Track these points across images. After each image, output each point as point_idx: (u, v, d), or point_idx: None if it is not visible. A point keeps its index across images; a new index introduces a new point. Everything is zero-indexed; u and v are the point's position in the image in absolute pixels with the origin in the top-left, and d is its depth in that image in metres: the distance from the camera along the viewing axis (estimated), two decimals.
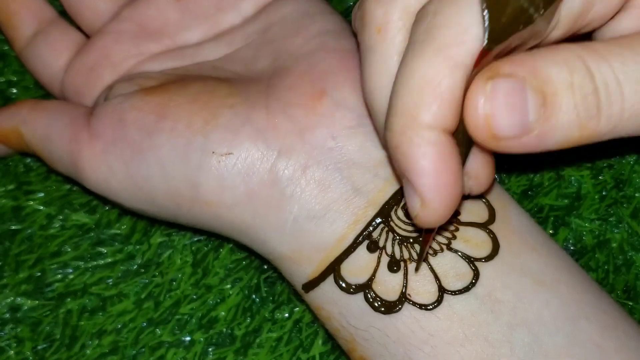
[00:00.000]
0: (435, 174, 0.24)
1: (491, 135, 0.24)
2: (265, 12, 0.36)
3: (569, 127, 0.24)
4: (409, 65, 0.24)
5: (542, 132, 0.24)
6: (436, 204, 0.25)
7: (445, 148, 0.24)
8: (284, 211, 0.31)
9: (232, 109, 0.31)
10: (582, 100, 0.24)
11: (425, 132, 0.24)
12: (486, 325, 0.29)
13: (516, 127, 0.24)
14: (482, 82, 0.24)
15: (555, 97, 0.24)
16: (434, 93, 0.24)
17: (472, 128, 0.24)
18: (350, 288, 0.30)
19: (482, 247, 0.30)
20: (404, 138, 0.24)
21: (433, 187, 0.25)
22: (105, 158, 0.32)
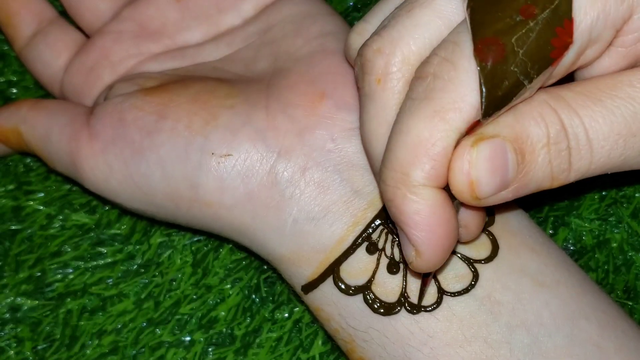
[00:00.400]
0: (428, 229, 0.25)
1: (473, 197, 0.25)
2: (266, 13, 0.36)
3: (542, 179, 0.25)
4: (406, 123, 0.25)
5: (518, 186, 0.25)
6: (430, 254, 0.26)
7: (437, 203, 0.25)
8: (283, 212, 0.31)
9: (232, 109, 0.31)
10: (557, 156, 0.25)
11: (419, 190, 0.25)
12: (485, 326, 0.29)
13: (496, 186, 0.25)
14: (468, 148, 0.24)
15: (532, 155, 0.25)
16: (428, 153, 0.24)
17: (456, 191, 0.25)
18: (349, 289, 0.30)
19: (481, 249, 0.30)
20: (397, 192, 0.25)
21: (426, 240, 0.25)
22: (105, 157, 0.32)
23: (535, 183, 0.25)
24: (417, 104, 0.25)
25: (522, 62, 0.24)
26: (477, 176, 0.24)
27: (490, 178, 0.25)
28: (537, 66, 0.24)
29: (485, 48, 0.24)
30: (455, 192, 0.25)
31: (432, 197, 0.25)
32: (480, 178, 0.24)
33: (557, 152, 0.25)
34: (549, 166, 0.25)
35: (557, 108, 0.25)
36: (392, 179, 0.25)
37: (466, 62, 0.24)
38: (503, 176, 0.25)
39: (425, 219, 0.25)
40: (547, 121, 0.25)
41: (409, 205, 0.25)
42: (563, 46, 0.24)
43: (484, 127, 0.25)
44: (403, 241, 0.26)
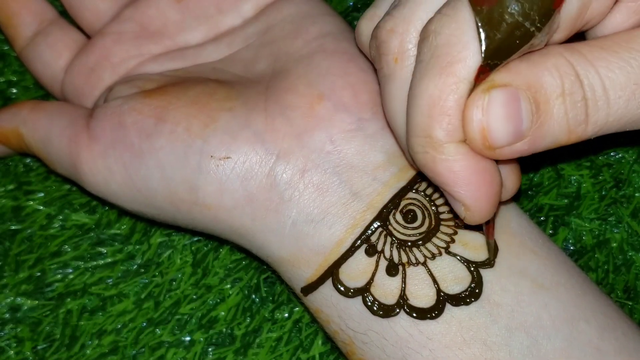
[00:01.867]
0: (467, 182, 0.26)
1: (487, 146, 0.25)
2: (265, 13, 0.36)
3: (559, 132, 0.25)
4: (418, 87, 0.25)
5: (533, 139, 0.25)
6: (477, 206, 0.26)
7: (468, 156, 0.25)
8: (282, 215, 0.31)
9: (231, 112, 0.31)
10: (572, 107, 0.25)
11: (444, 148, 0.25)
12: (484, 328, 0.29)
13: (510, 136, 0.25)
14: (479, 95, 0.24)
15: (547, 105, 0.25)
16: (442, 110, 0.25)
17: (469, 140, 0.25)
18: (348, 292, 0.30)
19: (480, 251, 0.30)
20: (427, 156, 0.25)
21: (469, 193, 0.26)
22: (105, 160, 0.32)
23: (552, 136, 0.25)
24: (425, 65, 0.25)
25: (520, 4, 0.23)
26: (489, 123, 0.24)
27: (503, 125, 0.24)
28: (536, 7, 0.24)
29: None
30: (468, 140, 0.25)
31: (459, 152, 0.25)
32: (492, 125, 0.24)
33: (572, 103, 0.25)
34: (565, 117, 0.25)
35: (572, 60, 0.25)
36: (418, 145, 0.25)
37: (464, 12, 0.24)
38: (517, 125, 0.25)
39: (461, 174, 0.25)
40: (561, 72, 0.25)
41: (441, 165, 0.25)
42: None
43: (495, 75, 0.25)
44: (451, 201, 0.27)
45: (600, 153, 0.37)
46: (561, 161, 0.37)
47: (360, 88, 0.31)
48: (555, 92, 0.25)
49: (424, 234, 0.30)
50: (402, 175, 0.30)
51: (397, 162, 0.31)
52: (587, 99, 0.25)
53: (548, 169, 0.37)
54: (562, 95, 0.25)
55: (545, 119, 0.25)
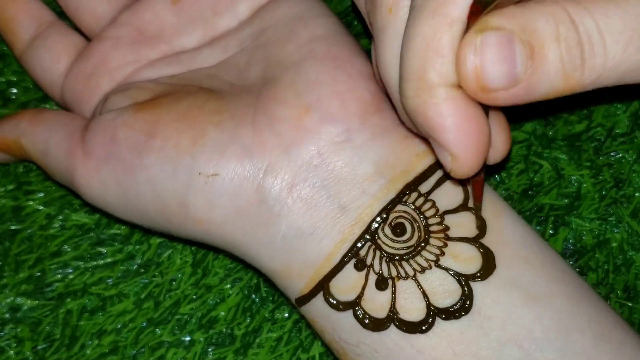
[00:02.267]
0: (456, 128, 0.25)
1: (480, 87, 0.24)
2: (260, 15, 0.35)
3: (554, 78, 0.25)
4: (411, 30, 0.25)
5: (529, 84, 0.25)
6: (465, 155, 0.26)
7: (459, 101, 0.25)
8: (272, 229, 0.31)
9: (219, 126, 0.31)
10: (567, 51, 0.24)
11: (436, 91, 0.25)
12: (475, 341, 0.28)
13: (504, 78, 0.24)
14: (472, 36, 0.24)
15: (542, 49, 0.24)
16: (436, 51, 0.24)
17: (463, 80, 0.25)
18: (339, 305, 0.30)
19: (471, 263, 0.29)
20: (418, 101, 0.25)
21: (457, 140, 0.25)
22: (99, 175, 0.33)
23: (548, 82, 0.25)
24: (418, 9, 0.25)
25: None
26: (483, 63, 0.24)
27: (497, 67, 0.24)
28: None
29: None
30: (461, 82, 0.25)
31: (452, 96, 0.25)
32: (486, 66, 0.24)
33: (567, 47, 0.24)
34: (561, 62, 0.24)
35: (567, 7, 0.24)
36: (410, 89, 0.25)
37: None
38: (511, 68, 0.24)
39: (451, 119, 0.25)
40: (556, 18, 0.24)
41: (431, 109, 0.25)
42: None
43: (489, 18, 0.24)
44: (437, 151, 0.26)
45: (601, 153, 0.37)
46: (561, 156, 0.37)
47: (349, 97, 0.31)
48: (550, 37, 0.24)
49: (412, 247, 0.30)
50: (391, 187, 0.30)
51: (385, 173, 0.30)
52: (583, 43, 0.24)
53: (548, 168, 0.37)
54: (556, 40, 0.24)
55: (540, 63, 0.24)
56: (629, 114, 0.37)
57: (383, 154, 0.31)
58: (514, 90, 0.25)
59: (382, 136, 0.31)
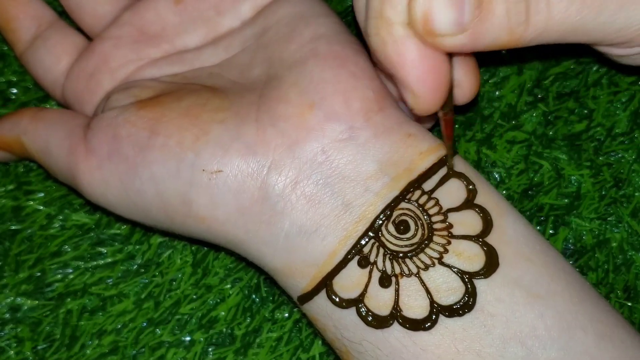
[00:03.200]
0: (413, 65, 0.26)
1: (427, 31, 0.26)
2: (262, 15, 0.35)
3: (499, 30, 0.26)
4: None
5: (474, 32, 0.26)
6: (424, 92, 0.27)
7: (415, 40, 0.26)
8: (275, 227, 0.31)
9: (223, 123, 0.31)
10: (514, 6, 0.26)
11: (394, 28, 0.26)
12: (478, 339, 0.28)
13: (451, 25, 0.26)
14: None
15: (490, 2, 0.26)
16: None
17: (412, 22, 0.26)
18: (342, 303, 0.30)
19: (475, 261, 0.29)
20: (378, 38, 0.26)
21: (414, 76, 0.27)
22: (101, 173, 0.33)
23: (493, 33, 0.26)
24: None
25: None
26: (432, 8, 0.25)
27: (445, 13, 0.25)
28: None
29: None
30: (411, 24, 0.26)
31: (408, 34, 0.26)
32: (435, 10, 0.25)
33: (514, 2, 0.26)
34: (507, 16, 0.26)
35: None
36: (372, 27, 0.26)
37: None
38: (459, 15, 0.25)
39: (407, 56, 0.26)
40: None
41: (390, 47, 0.26)
42: None
43: None
44: (400, 88, 0.27)
45: (601, 153, 0.37)
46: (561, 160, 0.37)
47: (352, 95, 0.31)
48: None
49: (416, 244, 0.30)
50: (394, 185, 0.30)
51: (389, 171, 0.30)
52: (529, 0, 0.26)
53: (548, 168, 0.37)
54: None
55: (486, 15, 0.26)
56: (629, 114, 0.37)
57: (386, 152, 0.31)
58: (459, 37, 0.26)
59: (386, 134, 0.31)
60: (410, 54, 0.26)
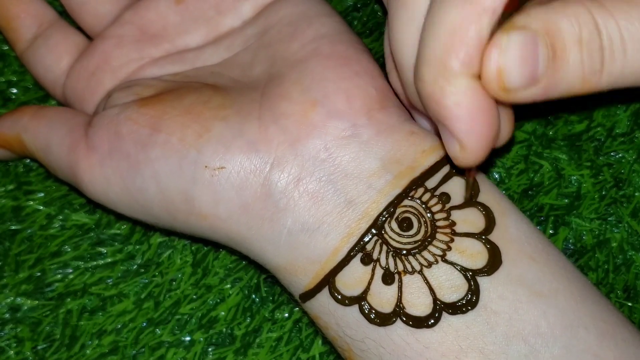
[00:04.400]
0: (470, 120, 0.25)
1: (501, 87, 0.25)
2: (264, 14, 0.35)
3: (573, 80, 0.25)
4: (437, 14, 0.25)
5: (548, 84, 0.25)
6: (474, 146, 0.26)
7: (477, 93, 0.25)
8: (278, 224, 0.31)
9: (225, 120, 0.31)
10: (589, 55, 0.25)
11: (457, 80, 0.25)
12: (481, 337, 0.28)
13: (525, 79, 0.25)
14: (499, 35, 0.24)
15: (564, 52, 0.25)
16: (462, 40, 0.24)
17: (485, 79, 0.25)
18: (345, 300, 0.30)
19: (477, 258, 0.29)
20: (436, 87, 0.25)
21: (469, 131, 0.25)
22: (102, 170, 0.33)
23: (566, 83, 0.25)
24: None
25: None
26: (506, 64, 0.24)
27: (520, 68, 0.24)
28: None
29: None
30: (483, 80, 0.25)
31: (471, 88, 0.25)
32: (509, 66, 0.24)
33: (589, 51, 0.25)
34: (581, 65, 0.25)
35: (592, 9, 0.25)
36: (429, 74, 0.25)
37: None
38: (533, 68, 0.24)
39: (466, 109, 0.25)
40: (580, 20, 0.24)
41: (449, 97, 0.25)
42: None
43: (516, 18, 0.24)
44: (445, 137, 0.26)
45: (601, 153, 0.37)
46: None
47: (354, 93, 0.31)
48: (573, 39, 0.24)
49: (419, 242, 0.30)
50: (397, 183, 0.30)
51: (392, 168, 0.30)
52: (604, 48, 0.25)
53: (548, 168, 0.37)
54: (579, 43, 0.24)
55: (560, 65, 0.25)
56: (629, 114, 0.37)
57: (389, 150, 0.31)
58: (532, 90, 0.25)
59: (388, 132, 0.31)
60: (469, 108, 0.25)
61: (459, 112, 0.25)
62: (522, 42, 0.24)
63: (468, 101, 0.25)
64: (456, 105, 0.25)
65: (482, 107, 0.25)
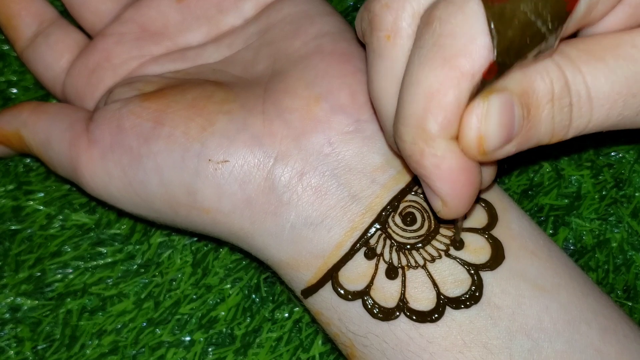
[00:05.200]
0: (450, 180, 0.25)
1: (481, 152, 0.25)
2: (266, 13, 0.36)
3: (544, 135, 0.26)
4: (416, 75, 0.24)
5: (520, 140, 0.25)
6: (455, 203, 0.26)
7: (456, 155, 0.25)
8: (281, 218, 0.31)
9: (229, 114, 0.31)
10: (559, 112, 0.25)
11: (435, 142, 0.25)
12: (485, 331, 0.28)
13: (502, 140, 0.25)
14: (478, 102, 0.24)
15: (537, 110, 0.25)
16: (440, 104, 0.24)
17: (464, 146, 0.25)
18: (348, 295, 0.30)
19: (481, 253, 0.30)
20: (415, 148, 0.25)
21: (450, 191, 0.26)
22: (104, 164, 0.32)
23: (537, 138, 0.26)
24: (426, 52, 0.24)
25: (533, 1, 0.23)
26: (487, 130, 0.24)
27: (498, 133, 0.24)
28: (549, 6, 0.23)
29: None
30: (463, 146, 0.25)
31: (449, 149, 0.25)
32: (490, 132, 0.24)
33: (560, 108, 0.25)
34: (552, 122, 0.25)
35: (561, 64, 0.25)
36: (408, 135, 0.25)
37: (474, 4, 0.23)
38: (510, 131, 0.25)
39: (446, 171, 0.25)
40: (552, 77, 0.25)
41: (428, 159, 0.25)
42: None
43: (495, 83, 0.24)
44: (428, 193, 0.26)
45: (601, 153, 0.37)
46: (560, 156, 0.37)
47: (358, 89, 0.31)
48: (546, 98, 0.25)
49: (423, 236, 0.30)
50: (401, 178, 0.30)
51: (395, 164, 0.31)
52: (573, 104, 0.25)
53: (548, 169, 0.37)
54: (551, 101, 0.25)
55: (534, 123, 0.25)
56: None
57: None
58: (507, 147, 0.25)
59: None
60: (450, 169, 0.25)
61: (439, 173, 0.25)
62: (501, 106, 0.24)
63: (447, 163, 0.25)
64: (436, 167, 0.25)
65: (461, 168, 0.25)
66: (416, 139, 0.25)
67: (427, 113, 0.24)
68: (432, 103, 0.24)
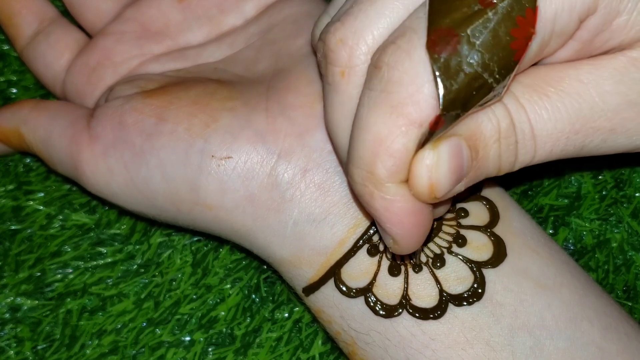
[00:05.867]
0: (399, 222, 0.25)
1: (432, 198, 0.25)
2: (267, 13, 0.36)
3: (491, 171, 0.26)
4: (365, 120, 0.24)
5: (469, 179, 0.25)
6: (405, 243, 0.26)
7: (405, 198, 0.25)
8: (284, 214, 0.31)
9: (232, 111, 0.31)
10: (505, 150, 0.25)
11: (385, 187, 0.25)
12: (487, 328, 0.29)
13: (453, 184, 0.25)
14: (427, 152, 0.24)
15: (485, 150, 0.25)
16: (389, 151, 0.24)
17: (415, 193, 0.25)
18: (350, 292, 0.30)
19: (483, 251, 0.30)
20: (365, 190, 0.25)
21: (399, 232, 0.25)
22: (105, 160, 0.32)
23: (485, 174, 0.26)
24: (375, 97, 0.24)
25: (480, 54, 0.23)
26: (437, 179, 0.24)
27: (449, 178, 0.25)
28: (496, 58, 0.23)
29: (438, 39, 0.23)
30: (414, 193, 0.25)
31: (399, 193, 0.25)
32: (440, 180, 0.24)
33: (506, 146, 0.25)
34: (499, 159, 0.26)
35: (506, 102, 0.25)
36: (358, 176, 0.25)
37: (422, 52, 0.23)
38: (460, 173, 0.25)
39: (396, 214, 0.25)
40: (498, 116, 0.25)
41: (378, 202, 0.25)
42: (525, 37, 0.23)
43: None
44: (380, 230, 0.26)
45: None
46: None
47: None
48: (493, 137, 0.25)
49: None
50: None
51: None
52: (518, 142, 0.25)
53: (548, 169, 0.37)
54: (498, 140, 0.25)
55: (482, 162, 0.25)
56: None
57: None
58: (456, 187, 0.25)
59: None
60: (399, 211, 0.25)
61: (388, 215, 0.25)
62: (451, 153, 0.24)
63: (397, 206, 0.25)
64: (385, 210, 0.25)
65: (412, 210, 0.25)
66: (366, 181, 0.25)
67: (376, 158, 0.24)
68: (380, 149, 0.24)
